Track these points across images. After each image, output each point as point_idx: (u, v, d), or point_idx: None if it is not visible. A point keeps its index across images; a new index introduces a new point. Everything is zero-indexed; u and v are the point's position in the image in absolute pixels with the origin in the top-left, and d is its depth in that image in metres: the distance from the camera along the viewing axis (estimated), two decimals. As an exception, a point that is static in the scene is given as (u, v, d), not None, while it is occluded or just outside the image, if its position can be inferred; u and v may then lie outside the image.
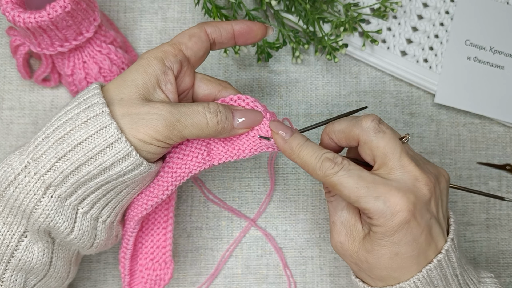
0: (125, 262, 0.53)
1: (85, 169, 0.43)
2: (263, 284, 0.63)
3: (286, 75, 0.66)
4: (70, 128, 0.43)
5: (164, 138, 0.44)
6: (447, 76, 0.65)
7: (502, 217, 0.65)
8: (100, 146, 0.42)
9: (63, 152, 0.43)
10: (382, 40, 0.66)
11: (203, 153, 0.48)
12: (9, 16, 0.52)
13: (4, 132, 0.63)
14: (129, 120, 0.43)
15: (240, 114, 0.47)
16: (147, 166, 0.44)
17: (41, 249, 0.46)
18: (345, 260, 0.47)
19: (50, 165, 0.43)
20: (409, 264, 0.44)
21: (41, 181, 0.43)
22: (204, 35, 0.48)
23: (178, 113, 0.44)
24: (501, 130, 0.66)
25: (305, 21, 0.63)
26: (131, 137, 0.43)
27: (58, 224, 0.44)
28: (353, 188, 0.43)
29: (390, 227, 0.42)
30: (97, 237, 0.48)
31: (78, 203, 0.45)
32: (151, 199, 0.49)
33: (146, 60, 0.46)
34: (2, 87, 0.64)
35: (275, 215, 0.64)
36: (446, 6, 0.66)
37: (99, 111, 0.43)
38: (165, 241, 0.55)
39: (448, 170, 0.65)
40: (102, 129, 0.42)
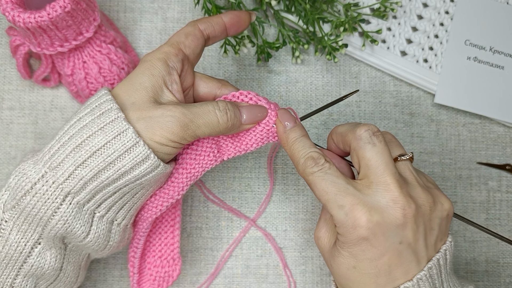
0: (134, 261, 0.53)
1: (104, 175, 0.43)
2: (263, 284, 0.63)
3: (286, 75, 0.66)
4: (87, 135, 0.43)
5: (179, 139, 0.44)
6: (447, 76, 0.65)
7: (502, 217, 0.65)
8: (119, 151, 0.43)
9: (82, 159, 0.43)
10: (382, 40, 0.66)
11: (214, 150, 0.49)
12: (9, 16, 0.52)
13: (4, 132, 0.63)
14: (145, 124, 0.44)
15: (246, 110, 0.48)
16: (163, 168, 0.45)
17: (54, 255, 0.46)
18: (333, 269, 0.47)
19: (68, 173, 0.43)
20: (368, 281, 0.43)
21: (59, 189, 0.43)
22: (198, 32, 0.49)
23: (190, 114, 0.45)
24: (501, 130, 0.66)
25: (305, 21, 0.63)
26: (148, 140, 0.44)
27: (75, 229, 0.45)
28: (322, 191, 0.43)
29: (348, 239, 0.42)
30: (111, 239, 0.48)
31: (95, 208, 0.45)
32: (167, 200, 0.49)
33: (150, 62, 0.46)
34: (2, 87, 0.64)
35: (275, 215, 0.64)
36: (446, 6, 0.66)
37: (114, 116, 0.43)
38: (172, 238, 0.55)
39: (448, 170, 0.65)
40: (119, 134, 0.43)
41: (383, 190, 0.42)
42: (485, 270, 0.64)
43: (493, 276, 0.64)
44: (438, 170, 0.65)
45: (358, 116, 0.65)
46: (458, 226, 0.65)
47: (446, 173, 0.65)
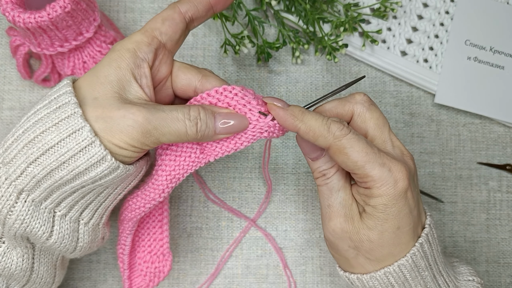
0: (123, 258, 0.53)
1: (58, 174, 0.41)
2: (263, 284, 0.63)
3: (286, 75, 0.66)
4: (40, 131, 0.40)
5: (139, 144, 0.41)
6: (447, 76, 0.65)
7: (502, 217, 0.65)
8: (72, 150, 0.40)
9: (34, 157, 0.40)
10: (382, 40, 0.66)
11: (195, 151, 0.46)
12: (9, 16, 0.52)
13: (4, 132, 0.63)
14: (104, 124, 0.41)
15: (224, 117, 0.44)
16: (124, 169, 0.42)
17: (20, 254, 0.44)
18: (340, 246, 0.46)
19: (21, 170, 0.41)
20: (408, 238, 0.44)
21: (12, 186, 0.41)
22: (178, 16, 0.44)
23: (155, 120, 0.41)
24: (501, 130, 0.66)
25: (305, 21, 0.63)
26: (106, 141, 0.41)
27: (35, 229, 0.43)
28: (362, 152, 0.42)
29: (392, 196, 0.42)
30: (79, 240, 0.46)
31: (54, 206, 0.43)
32: (148, 202, 0.48)
33: (118, 53, 0.43)
34: (2, 87, 0.64)
35: (275, 215, 0.64)
36: (446, 6, 0.66)
37: (70, 112, 0.40)
38: (161, 233, 0.54)
39: (449, 170, 0.65)
40: (74, 132, 0.40)
41: (394, 146, 0.45)
42: (486, 270, 0.64)
43: (493, 277, 0.64)
44: (439, 170, 0.65)
45: (358, 116, 0.65)
46: (458, 227, 0.65)
47: (446, 173, 0.65)
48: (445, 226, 0.64)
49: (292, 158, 0.65)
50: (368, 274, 0.45)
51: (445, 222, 0.65)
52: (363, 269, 0.46)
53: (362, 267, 0.46)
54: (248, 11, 0.63)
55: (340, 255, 0.47)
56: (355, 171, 0.43)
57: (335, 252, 0.47)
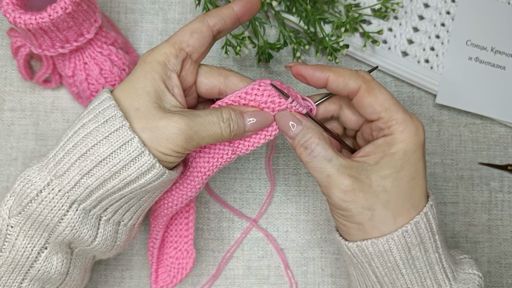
0: (153, 251, 0.56)
1: (110, 184, 0.43)
2: (264, 285, 0.63)
3: (287, 76, 0.66)
4: (92, 144, 0.43)
5: (182, 150, 0.45)
6: (448, 76, 0.65)
7: (504, 218, 0.65)
8: (124, 161, 0.43)
9: (88, 169, 0.43)
10: (383, 40, 0.66)
11: (228, 152, 0.50)
12: (10, 18, 0.52)
13: (5, 133, 0.63)
14: (150, 134, 0.44)
15: (250, 116, 0.48)
16: (168, 175, 0.45)
17: (60, 260, 0.46)
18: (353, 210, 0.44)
19: (75, 182, 0.43)
20: (420, 194, 0.45)
21: (66, 197, 0.43)
22: (206, 29, 0.47)
23: (195, 126, 0.44)
24: (503, 131, 0.66)
25: (306, 21, 0.63)
26: (153, 150, 0.44)
27: (82, 234, 0.45)
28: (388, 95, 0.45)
29: (413, 143, 0.44)
30: (118, 239, 0.48)
31: (101, 212, 0.46)
32: (185, 198, 0.52)
33: (151, 65, 0.46)
34: (3, 88, 0.64)
35: (276, 216, 0.64)
36: (447, 6, 0.66)
37: (119, 125, 0.43)
38: (187, 230, 0.57)
39: (450, 170, 0.65)
40: (125, 144, 0.43)
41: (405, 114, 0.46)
42: (487, 271, 0.64)
43: (495, 277, 0.64)
44: (440, 170, 0.65)
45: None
46: (460, 227, 0.64)
47: (447, 174, 0.65)
48: (446, 227, 0.64)
49: (293, 159, 0.65)
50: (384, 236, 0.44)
51: (447, 222, 0.64)
52: (378, 231, 0.44)
53: (378, 230, 0.44)
54: (249, 12, 0.63)
55: (354, 222, 0.45)
56: (381, 113, 0.45)
57: (347, 220, 0.45)
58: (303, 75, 0.48)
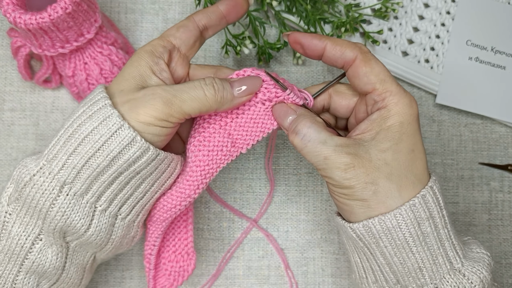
0: (150, 258, 0.54)
1: (95, 162, 0.44)
2: (265, 285, 0.63)
3: (287, 75, 0.66)
4: (77, 125, 0.44)
5: (165, 116, 0.44)
6: (449, 76, 0.65)
7: (504, 218, 0.65)
8: (105, 136, 0.43)
9: (73, 148, 0.44)
10: (383, 40, 0.66)
11: (227, 145, 0.49)
12: (10, 18, 0.52)
13: (6, 133, 0.63)
14: (129, 106, 0.44)
15: (238, 83, 0.47)
16: (154, 151, 0.45)
17: (55, 252, 0.46)
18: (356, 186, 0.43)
19: (62, 163, 0.44)
20: (422, 167, 0.45)
21: (55, 179, 0.44)
22: (192, 24, 0.50)
23: (172, 90, 0.45)
24: (503, 131, 0.66)
25: (306, 21, 0.63)
26: (133, 121, 0.44)
27: (74, 222, 0.45)
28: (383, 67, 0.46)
29: (408, 115, 0.44)
30: (113, 233, 0.48)
31: (95, 201, 0.46)
32: (184, 199, 0.49)
33: (138, 55, 0.48)
34: (3, 88, 0.64)
35: (276, 216, 0.64)
36: (447, 6, 0.66)
37: (102, 104, 0.44)
38: (186, 233, 0.56)
39: (450, 170, 0.65)
40: (105, 120, 0.43)
41: None
42: (488, 270, 0.64)
43: (495, 277, 0.64)
44: (440, 170, 0.65)
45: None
46: (460, 227, 0.64)
47: (448, 174, 0.65)
48: (446, 227, 0.64)
49: (293, 158, 0.65)
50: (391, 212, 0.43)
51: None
52: (384, 206, 0.43)
53: (384, 205, 0.43)
54: (249, 12, 0.63)
55: (357, 198, 0.44)
56: (376, 84, 0.45)
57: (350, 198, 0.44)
58: (301, 43, 0.48)
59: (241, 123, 0.49)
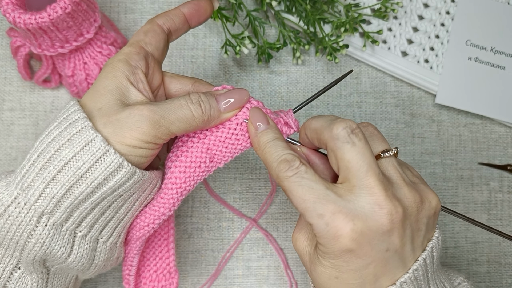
0: (129, 279, 0.51)
1: (77, 190, 0.40)
2: (264, 285, 0.63)
3: (287, 75, 0.66)
4: (55, 150, 0.40)
5: (152, 138, 0.41)
6: (448, 76, 0.65)
7: (504, 218, 0.65)
8: (88, 162, 0.40)
9: (51, 176, 0.40)
10: (383, 40, 0.66)
11: (205, 161, 0.45)
12: (9, 17, 0.52)
13: (5, 133, 0.63)
14: (112, 128, 0.41)
15: (224, 97, 0.44)
16: (140, 175, 0.42)
17: (35, 280, 0.44)
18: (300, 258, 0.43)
19: (39, 192, 0.40)
20: None
21: (32, 210, 0.40)
22: (158, 28, 0.47)
23: (160, 110, 0.41)
24: (502, 131, 0.66)
25: (305, 21, 0.63)
26: (118, 144, 0.41)
27: (54, 251, 0.42)
28: (299, 198, 0.39)
29: (330, 250, 0.39)
30: (96, 258, 0.45)
31: (75, 227, 0.42)
32: (158, 217, 0.46)
33: (111, 65, 0.44)
34: (2, 88, 0.64)
35: (276, 216, 0.64)
36: (447, 6, 0.66)
37: (81, 126, 0.40)
38: (167, 251, 0.53)
39: (450, 170, 0.65)
40: (87, 144, 0.40)
41: (366, 195, 0.38)
42: (487, 271, 0.64)
43: (495, 277, 0.64)
44: (440, 170, 0.65)
45: (359, 116, 0.65)
46: (460, 227, 0.64)
47: (447, 174, 0.65)
48: (446, 227, 0.64)
49: (293, 158, 0.65)
50: None
51: (446, 222, 0.64)
52: None
53: None
54: (248, 12, 0.63)
55: None
56: (340, 173, 0.40)
57: None
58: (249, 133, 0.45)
59: (221, 138, 0.45)
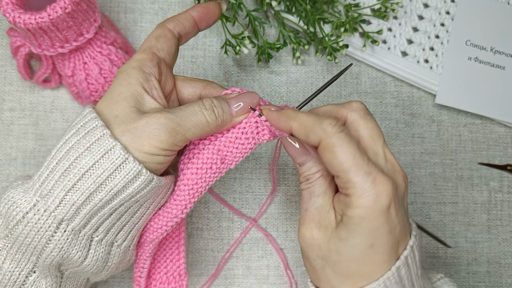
0: (140, 281, 0.51)
1: (97, 197, 0.41)
2: (264, 285, 0.63)
3: (287, 75, 0.66)
4: (74, 158, 0.41)
5: (169, 146, 0.43)
6: (448, 76, 0.65)
7: (504, 218, 0.65)
8: (108, 170, 0.41)
9: (71, 184, 0.41)
10: (383, 40, 0.66)
11: (216, 162, 0.46)
12: (9, 17, 0.52)
13: (5, 133, 0.63)
14: (131, 136, 0.42)
15: (236, 101, 0.45)
16: (157, 181, 0.43)
17: (49, 284, 0.44)
18: (309, 254, 0.44)
19: (59, 200, 0.41)
20: (382, 259, 0.41)
21: (52, 217, 0.41)
22: (169, 33, 0.47)
23: (176, 118, 0.43)
24: (502, 131, 0.66)
25: (305, 21, 0.63)
26: (137, 152, 0.42)
27: (71, 255, 0.43)
28: (351, 154, 0.39)
29: (370, 210, 0.39)
30: (109, 261, 0.46)
31: (92, 232, 0.44)
32: (171, 219, 0.47)
33: (125, 72, 0.45)
34: (2, 88, 0.64)
35: (275, 216, 0.64)
36: (446, 6, 0.66)
37: (100, 134, 0.41)
38: (178, 254, 0.54)
39: (449, 170, 0.65)
40: (107, 152, 0.41)
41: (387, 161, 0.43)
42: (487, 271, 0.64)
43: (494, 277, 0.64)
44: (439, 170, 0.65)
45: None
46: (459, 227, 0.64)
47: (447, 174, 0.65)
48: (446, 227, 0.64)
49: (292, 158, 0.65)
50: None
51: (446, 222, 0.65)
52: (329, 284, 0.43)
53: (329, 283, 0.43)
54: (248, 12, 0.63)
55: (310, 265, 0.44)
56: (339, 173, 0.40)
57: (305, 261, 0.45)
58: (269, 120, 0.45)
59: (232, 138, 0.46)
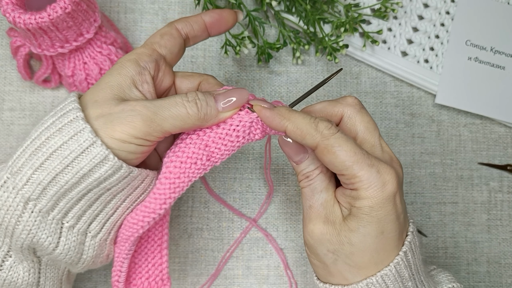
0: (119, 286, 0.48)
1: (63, 178, 0.41)
2: (264, 285, 0.63)
3: (287, 75, 0.66)
4: (45, 137, 0.41)
5: (143, 134, 0.41)
6: (448, 76, 0.65)
7: (504, 218, 0.65)
8: (75, 152, 0.40)
9: (39, 162, 0.41)
10: (383, 40, 0.66)
11: (202, 158, 0.44)
12: (9, 17, 0.52)
13: (5, 133, 0.63)
14: (104, 121, 0.41)
15: (223, 97, 0.44)
16: (127, 169, 0.42)
17: (27, 269, 0.44)
18: (319, 250, 0.44)
19: (26, 178, 0.41)
20: (392, 246, 0.43)
21: (19, 195, 0.41)
22: (175, 32, 0.47)
23: (153, 107, 0.42)
24: (502, 131, 0.66)
25: (305, 21, 0.63)
26: (107, 138, 0.41)
27: (41, 240, 0.42)
28: (351, 151, 0.41)
29: (379, 199, 0.41)
30: (84, 253, 0.45)
31: (62, 217, 0.43)
32: (147, 215, 0.44)
33: (120, 63, 0.45)
34: (2, 88, 0.64)
35: (275, 216, 0.64)
36: (446, 6, 0.66)
37: (73, 116, 0.41)
38: (160, 258, 0.51)
39: (449, 170, 0.65)
40: (76, 134, 0.40)
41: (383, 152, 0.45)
42: (487, 271, 0.64)
43: (494, 277, 0.64)
44: (439, 170, 0.65)
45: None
46: (459, 227, 0.64)
47: (447, 174, 0.65)
48: (446, 227, 0.64)
49: (292, 158, 0.65)
50: (350, 285, 0.43)
51: (446, 222, 0.65)
52: (343, 278, 0.44)
53: (342, 275, 0.44)
54: (248, 12, 0.63)
55: (319, 261, 0.45)
56: (343, 171, 0.42)
57: (314, 258, 0.45)
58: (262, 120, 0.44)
59: (222, 134, 0.44)
